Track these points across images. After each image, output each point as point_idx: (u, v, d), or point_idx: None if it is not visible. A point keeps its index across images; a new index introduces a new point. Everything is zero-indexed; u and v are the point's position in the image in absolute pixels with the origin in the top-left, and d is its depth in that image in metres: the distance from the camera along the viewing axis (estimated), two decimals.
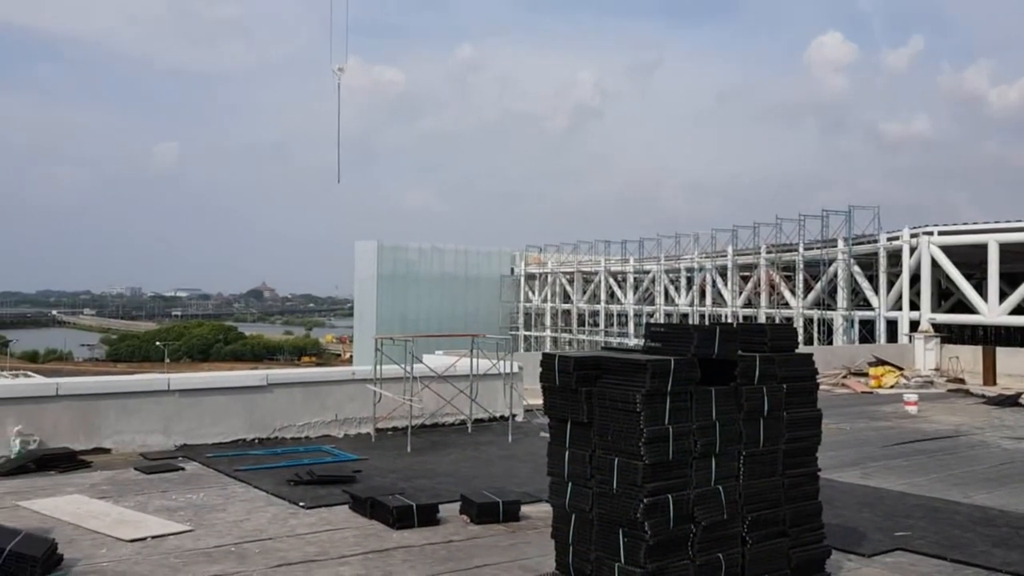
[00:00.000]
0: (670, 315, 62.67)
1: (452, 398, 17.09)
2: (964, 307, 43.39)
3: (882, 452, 15.70)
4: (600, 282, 71.15)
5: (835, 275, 48.74)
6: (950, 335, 37.43)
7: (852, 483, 12.58)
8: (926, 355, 33.05)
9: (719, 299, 58.95)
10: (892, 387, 27.73)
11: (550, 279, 76.88)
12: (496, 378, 17.46)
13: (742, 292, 56.96)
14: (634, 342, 55.82)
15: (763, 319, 51.74)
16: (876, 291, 46.05)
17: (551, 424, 7.87)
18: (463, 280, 78.09)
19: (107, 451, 13.89)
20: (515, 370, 17.71)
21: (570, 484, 7.50)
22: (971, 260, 42.27)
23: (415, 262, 76.35)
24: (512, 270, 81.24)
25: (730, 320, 53.53)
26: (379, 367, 16.06)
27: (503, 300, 79.74)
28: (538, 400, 10.30)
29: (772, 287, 54.28)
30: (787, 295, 53.39)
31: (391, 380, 16.05)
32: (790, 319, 50.36)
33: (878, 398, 25.31)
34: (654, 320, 61.00)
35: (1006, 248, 38.69)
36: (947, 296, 47.04)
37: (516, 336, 71.92)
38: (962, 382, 29.29)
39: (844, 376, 29.10)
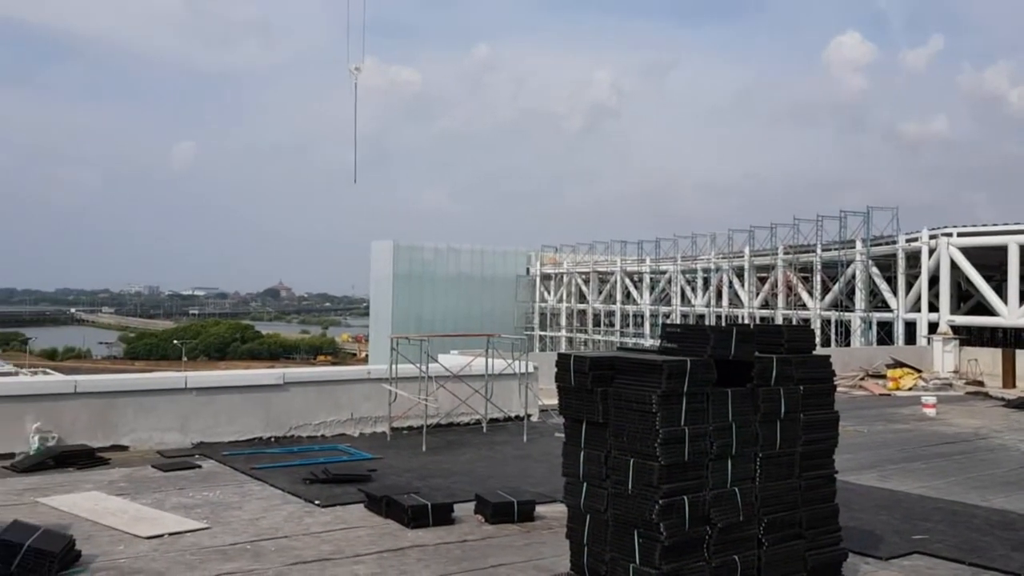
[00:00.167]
0: (686, 316, 62.52)
1: (467, 398, 17.10)
2: (983, 309, 43.03)
3: (900, 455, 15.59)
4: (616, 282, 71.01)
5: (853, 276, 48.48)
6: (969, 337, 37.04)
7: (869, 486, 12.51)
8: (944, 357, 32.75)
9: (736, 300, 58.75)
10: (910, 389, 27.51)
11: (566, 279, 76.80)
12: (511, 378, 17.46)
13: (759, 293, 56.74)
14: (650, 343, 55.64)
15: (780, 320, 51.49)
16: (894, 292, 45.78)
17: (566, 424, 7.86)
18: (478, 280, 78.15)
19: (124, 448, 13.99)
20: (530, 370, 17.71)
21: (585, 484, 7.49)
22: (990, 262, 41.92)
23: (431, 262, 76.50)
24: (528, 270, 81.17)
25: (747, 321, 53.33)
26: (395, 366, 16.09)
27: (518, 300, 79.71)
28: (553, 400, 10.28)
29: (789, 288, 54.03)
30: (804, 296, 53.13)
31: (406, 379, 16.09)
32: (807, 320, 50.06)
33: (896, 400, 25.12)
34: (670, 321, 60.86)
35: None
36: (966, 298, 46.63)
37: (531, 336, 71.78)
38: (981, 385, 29.05)
39: (862, 378, 28.89)
